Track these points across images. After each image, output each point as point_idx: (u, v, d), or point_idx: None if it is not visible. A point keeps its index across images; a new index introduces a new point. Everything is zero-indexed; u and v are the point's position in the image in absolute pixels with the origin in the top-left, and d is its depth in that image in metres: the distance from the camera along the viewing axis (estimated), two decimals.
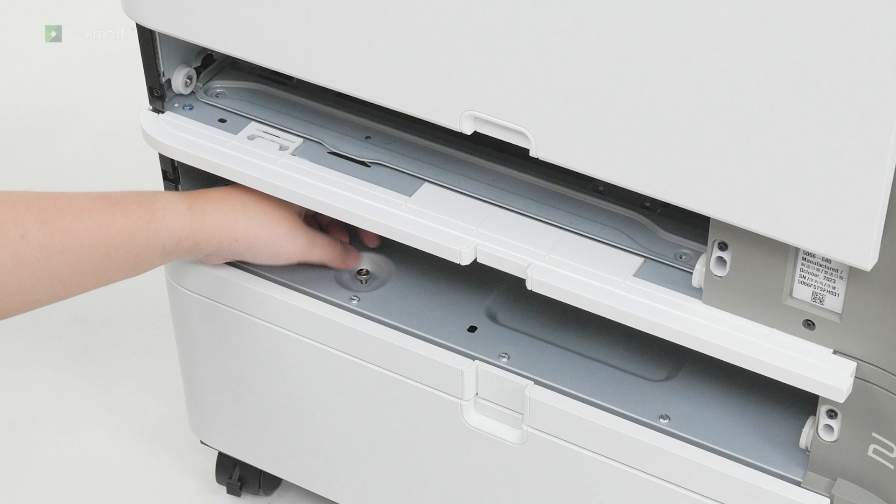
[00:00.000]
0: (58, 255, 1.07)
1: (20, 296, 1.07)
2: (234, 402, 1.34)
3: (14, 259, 1.05)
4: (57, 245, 1.07)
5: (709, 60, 0.92)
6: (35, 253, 1.06)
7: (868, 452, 1.05)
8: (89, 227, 1.09)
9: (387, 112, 1.17)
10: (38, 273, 1.07)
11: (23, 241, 1.05)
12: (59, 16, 2.08)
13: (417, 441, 1.24)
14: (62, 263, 1.08)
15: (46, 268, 1.07)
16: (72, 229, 1.08)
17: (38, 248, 1.06)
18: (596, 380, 1.16)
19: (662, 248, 1.11)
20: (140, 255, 1.12)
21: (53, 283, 1.08)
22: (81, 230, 1.08)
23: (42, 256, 1.07)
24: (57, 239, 1.07)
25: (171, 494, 1.48)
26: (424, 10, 1.02)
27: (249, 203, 1.17)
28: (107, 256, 1.10)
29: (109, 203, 1.10)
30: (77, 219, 1.08)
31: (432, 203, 1.15)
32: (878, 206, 0.92)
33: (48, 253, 1.07)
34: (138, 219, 1.11)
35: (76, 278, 1.10)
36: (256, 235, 1.18)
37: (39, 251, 1.06)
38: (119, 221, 1.10)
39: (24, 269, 1.06)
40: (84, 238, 1.08)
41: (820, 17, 0.88)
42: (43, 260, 1.07)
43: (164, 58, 1.21)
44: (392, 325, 1.20)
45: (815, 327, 1.02)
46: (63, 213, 1.08)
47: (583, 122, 1.00)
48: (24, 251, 1.06)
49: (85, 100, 1.96)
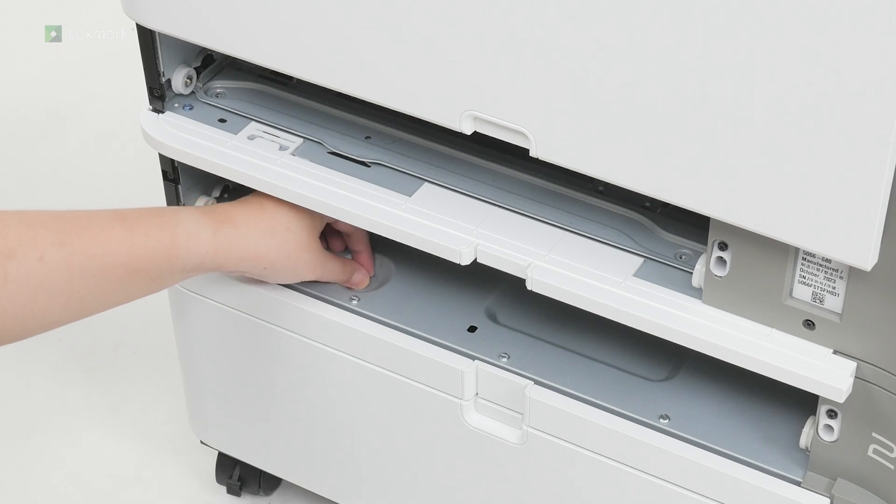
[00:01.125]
0: (77, 277, 1.06)
1: (39, 317, 1.06)
2: (234, 402, 1.34)
3: (32, 281, 1.03)
4: (76, 268, 1.05)
5: (709, 60, 0.92)
6: (54, 275, 1.04)
7: (868, 452, 1.05)
8: (109, 250, 1.07)
9: (387, 112, 1.17)
10: (57, 295, 1.05)
11: (41, 264, 1.03)
12: (59, 16, 2.08)
13: (417, 441, 1.24)
14: (81, 285, 1.06)
15: (65, 289, 1.05)
16: (91, 252, 1.06)
17: (56, 270, 1.04)
18: (596, 380, 1.16)
19: (662, 248, 1.11)
20: (160, 276, 1.11)
21: (72, 303, 1.07)
22: (101, 253, 1.06)
23: (61, 279, 1.05)
24: (76, 262, 1.05)
25: (171, 494, 1.48)
26: (424, 11, 1.02)
27: (279, 231, 1.16)
28: (126, 277, 1.08)
29: (130, 224, 1.09)
30: (96, 241, 1.06)
31: (432, 203, 1.15)
32: (878, 206, 0.92)
33: (67, 275, 1.05)
34: (159, 242, 1.10)
35: (95, 299, 1.08)
36: (283, 265, 1.17)
37: (58, 273, 1.05)
38: (139, 244, 1.08)
39: (42, 291, 1.04)
40: (104, 260, 1.07)
41: (819, 17, 0.88)
42: (62, 282, 1.05)
43: (164, 58, 1.21)
44: (392, 325, 1.20)
45: (815, 327, 1.02)
46: (82, 234, 1.06)
47: (583, 122, 1.00)
48: (42, 274, 1.04)
49: (85, 100, 1.96)
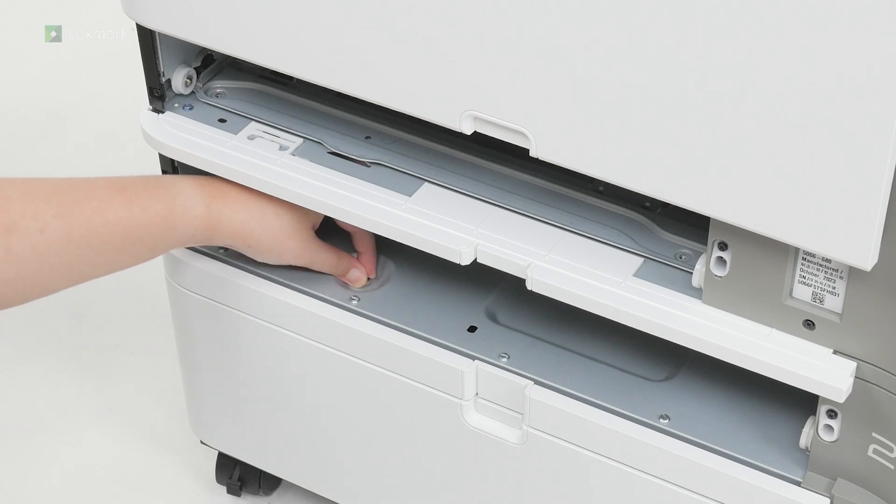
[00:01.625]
0: (76, 248, 1.10)
1: (39, 286, 1.10)
2: (234, 402, 1.34)
3: (33, 252, 1.08)
4: (76, 239, 1.10)
5: (708, 60, 0.92)
6: (54, 246, 1.09)
7: (868, 452, 1.05)
8: (108, 222, 1.11)
9: (387, 112, 1.17)
10: (57, 265, 1.10)
11: (42, 236, 1.08)
12: (59, 16, 2.08)
13: (417, 441, 1.24)
14: (80, 255, 1.11)
15: (65, 259, 1.10)
16: (91, 224, 1.11)
17: (57, 241, 1.09)
18: (596, 380, 1.16)
19: (662, 248, 1.11)
20: (156, 247, 1.15)
21: (71, 272, 1.11)
22: (100, 224, 1.11)
23: (61, 249, 1.09)
24: (76, 233, 1.10)
25: (171, 494, 1.48)
26: (424, 11, 1.02)
27: (268, 214, 1.18)
28: (123, 248, 1.13)
29: (129, 197, 1.13)
30: (96, 213, 1.11)
31: (432, 203, 1.15)
32: (878, 206, 0.92)
33: (67, 246, 1.10)
34: (156, 214, 1.14)
35: (92, 268, 1.13)
36: (269, 247, 1.20)
37: (58, 245, 1.09)
38: (137, 216, 1.13)
39: (42, 261, 1.09)
40: (102, 232, 1.11)
41: (819, 17, 0.88)
42: (62, 253, 1.09)
43: (164, 58, 1.21)
44: (392, 325, 1.20)
45: (815, 327, 1.02)
46: (82, 206, 1.10)
47: (583, 122, 1.00)
48: (43, 245, 1.08)
49: (85, 100, 1.96)
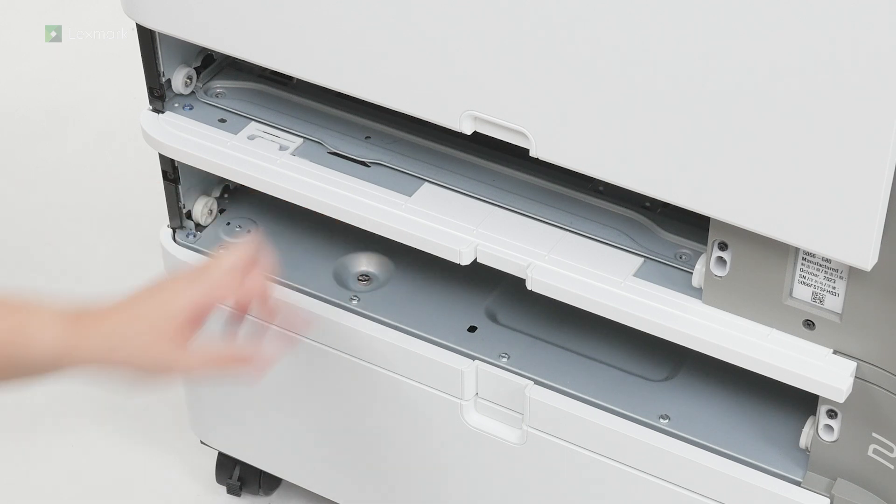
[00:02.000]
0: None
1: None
2: (234, 402, 1.34)
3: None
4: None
5: (708, 61, 0.92)
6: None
7: (868, 452, 1.05)
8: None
9: (387, 112, 1.17)
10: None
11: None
12: (59, 16, 2.08)
13: (417, 441, 1.24)
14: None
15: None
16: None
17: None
18: (596, 380, 1.16)
19: (662, 248, 1.11)
20: (17, 367, 1.05)
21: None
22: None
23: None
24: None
25: (171, 494, 1.48)
26: (424, 11, 1.02)
27: (129, 336, 1.05)
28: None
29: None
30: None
31: (432, 203, 1.15)
32: (878, 206, 0.92)
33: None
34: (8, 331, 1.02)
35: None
36: (136, 367, 1.06)
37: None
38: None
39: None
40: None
41: (819, 17, 0.88)
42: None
43: (164, 58, 1.21)
44: (392, 325, 1.20)
45: (815, 327, 1.02)
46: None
47: (583, 122, 1.00)
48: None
49: (85, 100, 1.96)
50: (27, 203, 1.81)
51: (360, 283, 1.25)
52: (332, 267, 1.25)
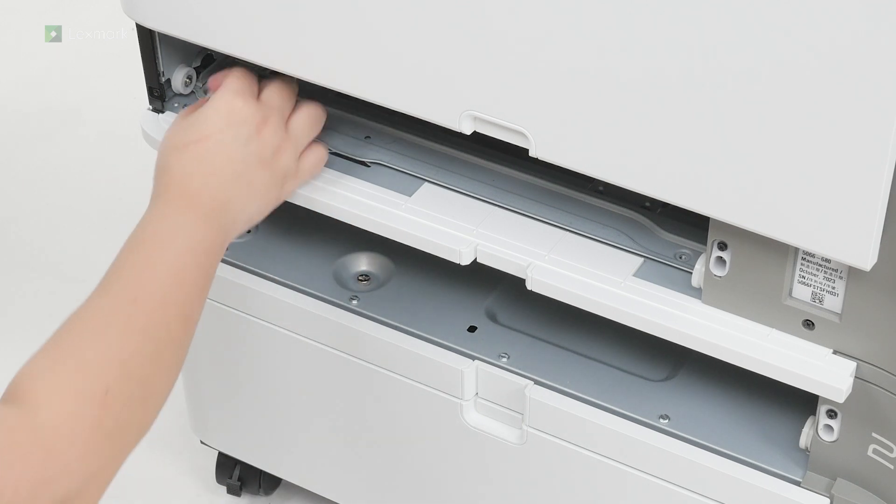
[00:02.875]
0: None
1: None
2: (234, 402, 1.34)
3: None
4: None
5: (708, 60, 0.92)
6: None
7: (868, 452, 1.05)
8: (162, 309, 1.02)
9: (387, 112, 1.17)
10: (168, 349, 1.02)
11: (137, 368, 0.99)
12: (59, 16, 2.08)
13: (417, 441, 1.24)
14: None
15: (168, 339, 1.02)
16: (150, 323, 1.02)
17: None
18: (596, 380, 1.16)
19: (662, 248, 1.11)
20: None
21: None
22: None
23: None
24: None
25: (171, 494, 1.48)
26: (424, 11, 1.02)
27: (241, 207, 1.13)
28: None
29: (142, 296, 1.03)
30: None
31: (432, 203, 1.15)
32: (877, 206, 0.92)
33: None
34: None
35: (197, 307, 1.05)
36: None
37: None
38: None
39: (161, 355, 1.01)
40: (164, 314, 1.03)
41: (819, 16, 0.88)
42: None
43: (164, 58, 1.21)
44: (392, 325, 1.20)
45: (814, 327, 1.02)
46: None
47: (582, 122, 1.00)
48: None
49: (85, 100, 1.96)
50: (27, 203, 1.81)
51: (360, 283, 1.25)
52: (332, 267, 1.25)
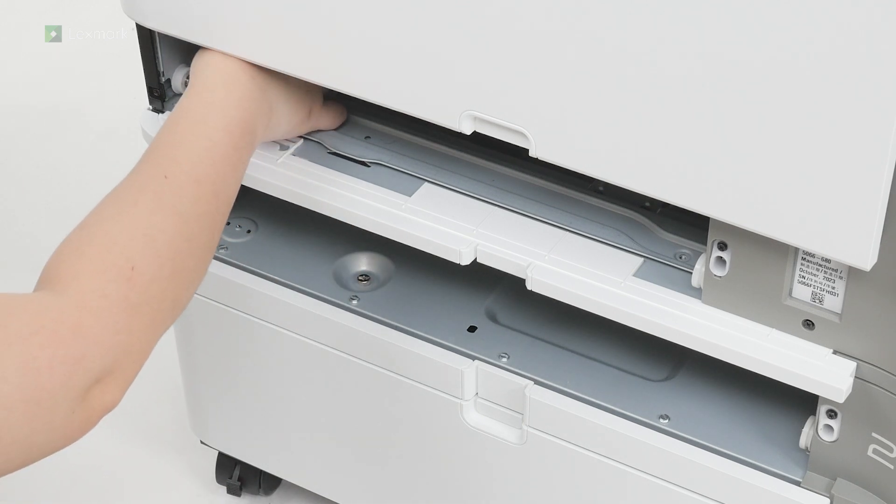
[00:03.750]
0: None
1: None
2: (234, 402, 1.34)
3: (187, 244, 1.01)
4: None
5: (708, 60, 0.92)
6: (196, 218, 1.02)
7: (868, 452, 1.05)
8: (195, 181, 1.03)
9: (387, 112, 1.17)
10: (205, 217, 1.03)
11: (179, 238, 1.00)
12: (59, 16, 2.08)
13: (417, 441, 1.24)
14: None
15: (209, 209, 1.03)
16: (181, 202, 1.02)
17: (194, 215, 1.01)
18: (596, 380, 1.16)
19: (662, 248, 1.11)
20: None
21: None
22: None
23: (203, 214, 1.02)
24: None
25: (171, 494, 1.48)
26: (424, 11, 1.02)
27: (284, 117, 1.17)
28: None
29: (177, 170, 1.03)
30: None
31: (432, 203, 1.15)
32: (877, 205, 0.92)
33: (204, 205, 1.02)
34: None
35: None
36: None
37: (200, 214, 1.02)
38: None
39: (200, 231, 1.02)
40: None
41: (819, 16, 0.88)
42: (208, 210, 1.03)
43: (164, 58, 1.21)
44: (392, 325, 1.20)
45: (814, 327, 1.02)
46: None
47: (582, 122, 1.00)
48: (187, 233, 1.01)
49: (85, 100, 1.96)
50: (27, 203, 1.81)
51: (360, 283, 1.25)
52: (332, 267, 1.25)
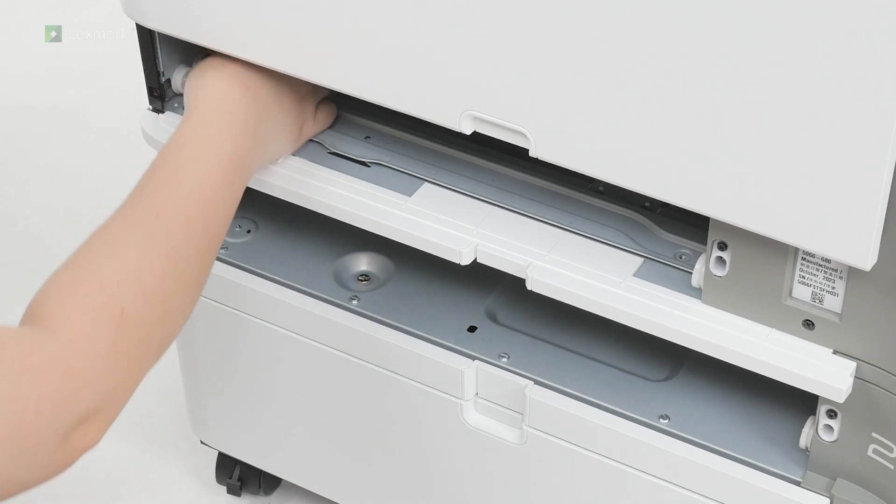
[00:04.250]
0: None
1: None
2: (234, 402, 1.34)
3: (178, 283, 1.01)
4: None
5: (708, 60, 0.92)
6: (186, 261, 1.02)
7: (868, 452, 1.05)
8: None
9: (387, 112, 1.17)
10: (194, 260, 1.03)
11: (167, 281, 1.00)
12: (59, 16, 2.08)
13: (417, 441, 1.24)
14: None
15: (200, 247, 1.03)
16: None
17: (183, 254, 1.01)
18: (596, 380, 1.16)
19: (662, 248, 1.11)
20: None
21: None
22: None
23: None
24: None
25: (171, 494, 1.48)
26: (424, 10, 1.02)
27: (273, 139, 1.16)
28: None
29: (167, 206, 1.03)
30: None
31: (432, 203, 1.15)
32: (877, 205, 0.92)
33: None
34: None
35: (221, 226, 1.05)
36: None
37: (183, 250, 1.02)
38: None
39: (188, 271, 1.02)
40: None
41: (819, 16, 0.88)
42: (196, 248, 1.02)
43: (164, 58, 1.21)
44: (392, 325, 1.20)
45: (814, 327, 1.02)
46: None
47: (582, 122, 1.00)
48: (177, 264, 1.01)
49: (85, 100, 1.96)
50: (27, 203, 1.81)
51: (360, 283, 1.25)
52: (332, 267, 1.25)
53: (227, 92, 1.10)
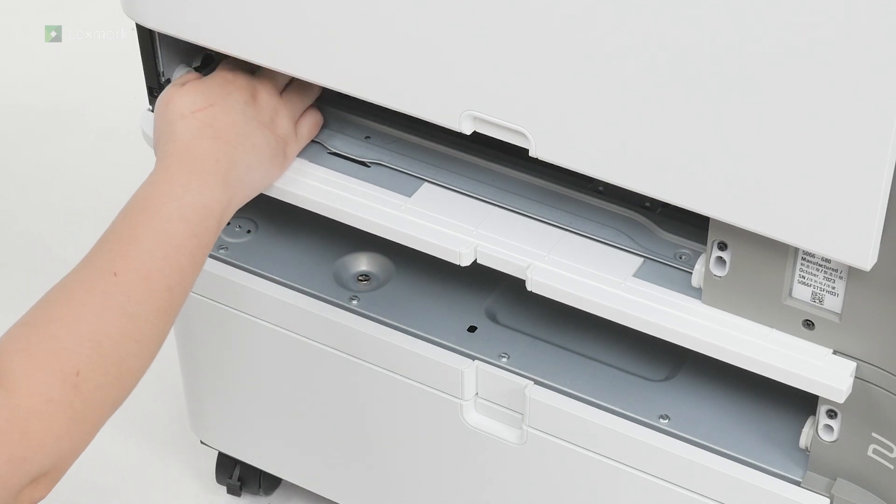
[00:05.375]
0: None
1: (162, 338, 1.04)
2: (234, 402, 1.34)
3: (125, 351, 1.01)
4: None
5: (708, 60, 0.92)
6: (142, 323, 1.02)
7: (868, 452, 1.05)
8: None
9: (387, 112, 1.17)
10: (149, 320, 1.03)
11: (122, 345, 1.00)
12: (59, 16, 2.08)
13: (417, 441, 1.24)
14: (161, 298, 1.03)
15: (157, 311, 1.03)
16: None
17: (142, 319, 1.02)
18: (596, 380, 1.16)
19: (662, 248, 1.11)
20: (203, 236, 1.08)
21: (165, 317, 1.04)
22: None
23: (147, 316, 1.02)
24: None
25: (171, 494, 1.48)
26: (424, 10, 1.02)
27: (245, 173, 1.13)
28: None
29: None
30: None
31: (432, 203, 1.15)
32: (877, 205, 0.92)
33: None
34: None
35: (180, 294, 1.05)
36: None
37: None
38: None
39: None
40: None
41: (819, 16, 0.88)
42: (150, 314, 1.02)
43: (164, 58, 1.21)
44: (392, 325, 1.20)
45: (814, 327, 1.02)
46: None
47: (582, 122, 1.00)
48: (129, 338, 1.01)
49: (85, 100, 1.96)
50: (27, 203, 1.81)
51: (360, 283, 1.25)
52: (332, 267, 1.25)
53: (195, 144, 1.09)
